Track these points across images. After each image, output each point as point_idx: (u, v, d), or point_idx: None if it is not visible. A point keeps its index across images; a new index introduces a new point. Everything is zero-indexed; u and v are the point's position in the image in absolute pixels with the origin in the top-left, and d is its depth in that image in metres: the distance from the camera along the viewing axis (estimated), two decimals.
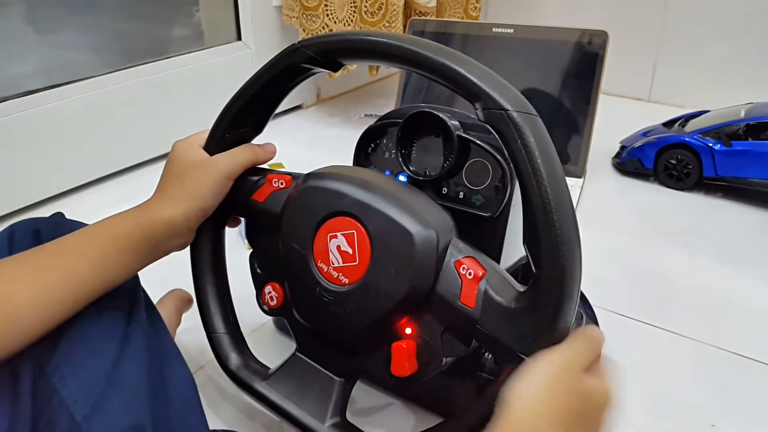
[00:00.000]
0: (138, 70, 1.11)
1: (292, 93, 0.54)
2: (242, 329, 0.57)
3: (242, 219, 0.57)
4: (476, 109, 0.40)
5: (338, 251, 0.46)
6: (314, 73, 0.50)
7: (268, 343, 0.68)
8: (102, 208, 0.97)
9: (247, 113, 0.53)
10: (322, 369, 0.50)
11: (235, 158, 0.52)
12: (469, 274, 0.42)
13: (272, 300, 0.52)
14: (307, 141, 1.23)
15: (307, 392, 0.50)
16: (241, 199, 0.53)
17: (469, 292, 0.42)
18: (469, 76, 0.40)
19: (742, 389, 0.63)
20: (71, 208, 0.99)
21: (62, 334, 0.42)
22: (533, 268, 0.39)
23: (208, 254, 0.55)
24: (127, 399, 0.40)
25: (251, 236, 0.55)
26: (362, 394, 0.61)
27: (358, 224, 0.45)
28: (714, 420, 0.59)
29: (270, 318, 0.70)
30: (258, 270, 0.54)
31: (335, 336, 0.48)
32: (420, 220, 0.44)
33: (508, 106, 0.39)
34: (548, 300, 0.38)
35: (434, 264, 0.43)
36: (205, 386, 0.63)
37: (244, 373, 0.53)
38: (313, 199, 0.48)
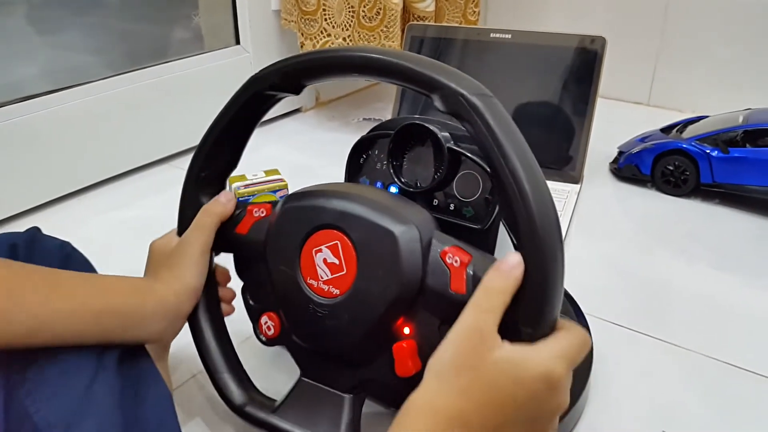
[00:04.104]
0: (138, 74, 1.11)
1: (290, 96, 0.54)
2: (246, 353, 0.57)
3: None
4: (435, 101, 0.42)
5: (325, 264, 0.46)
6: (279, 99, 0.51)
7: (272, 367, 0.66)
8: (103, 213, 0.98)
9: (219, 149, 0.54)
10: (329, 389, 0.50)
11: (203, 231, 0.52)
12: (456, 261, 0.43)
13: (269, 330, 0.52)
14: (305, 145, 1.23)
15: (318, 415, 0.50)
16: (225, 234, 0.54)
17: (458, 278, 0.42)
18: (423, 70, 0.42)
19: (739, 401, 0.62)
20: (71, 212, 1.00)
21: (34, 356, 0.41)
22: (515, 245, 0.40)
23: (201, 298, 0.55)
24: (101, 422, 0.39)
25: (240, 269, 0.55)
26: (377, 416, 0.60)
27: (341, 234, 0.46)
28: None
29: None
30: (251, 302, 0.54)
31: (336, 349, 0.48)
32: (400, 219, 0.45)
33: (464, 91, 0.40)
34: (534, 272, 0.39)
35: (420, 258, 0.44)
36: (196, 395, 0.63)
37: (253, 409, 0.53)
38: (294, 219, 0.49)
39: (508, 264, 0.39)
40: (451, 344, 0.39)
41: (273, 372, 0.63)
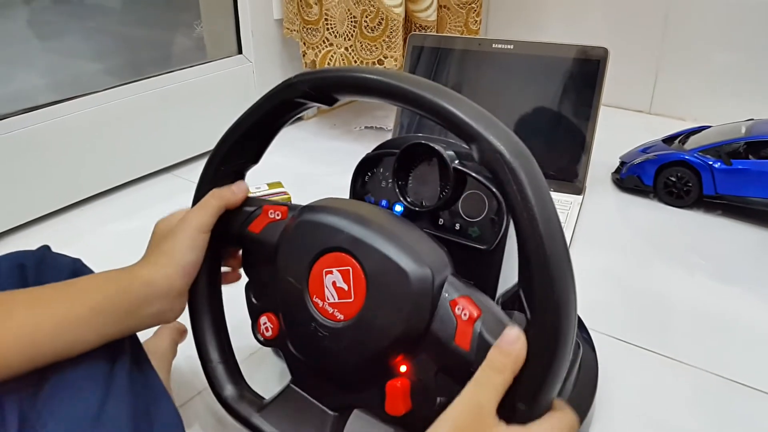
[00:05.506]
0: (140, 84, 1.11)
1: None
2: (239, 354, 0.57)
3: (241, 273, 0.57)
4: (471, 150, 0.41)
5: (334, 287, 0.46)
6: (310, 107, 0.50)
7: (265, 367, 0.68)
8: (105, 224, 0.98)
9: (242, 146, 0.54)
10: (316, 402, 0.50)
11: (206, 211, 0.51)
12: (465, 314, 0.42)
13: (267, 330, 0.52)
14: (307, 153, 1.23)
15: (301, 425, 0.50)
16: (237, 229, 0.53)
17: (464, 333, 0.42)
18: (464, 117, 0.40)
19: (743, 419, 0.62)
20: (74, 223, 0.99)
21: (44, 378, 0.41)
22: (527, 312, 0.39)
23: (203, 284, 0.55)
24: None
25: (247, 266, 0.55)
26: None
27: (354, 261, 0.45)
28: None
29: None
30: (253, 300, 0.54)
31: (330, 371, 0.48)
32: (415, 258, 0.44)
33: (503, 149, 0.39)
34: (540, 353, 0.38)
35: (429, 303, 0.43)
36: (202, 413, 0.63)
37: (239, 404, 0.53)
38: (309, 234, 0.48)
39: (506, 341, 0.39)
40: (449, 420, 0.38)
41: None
